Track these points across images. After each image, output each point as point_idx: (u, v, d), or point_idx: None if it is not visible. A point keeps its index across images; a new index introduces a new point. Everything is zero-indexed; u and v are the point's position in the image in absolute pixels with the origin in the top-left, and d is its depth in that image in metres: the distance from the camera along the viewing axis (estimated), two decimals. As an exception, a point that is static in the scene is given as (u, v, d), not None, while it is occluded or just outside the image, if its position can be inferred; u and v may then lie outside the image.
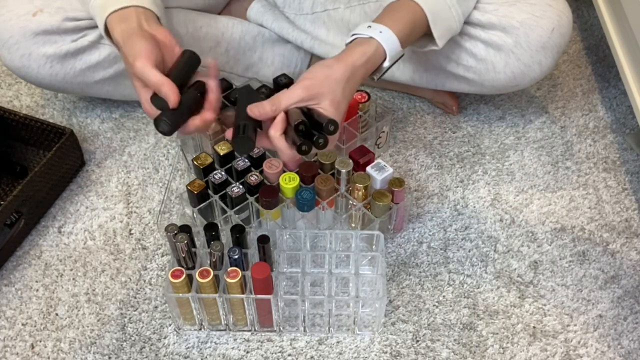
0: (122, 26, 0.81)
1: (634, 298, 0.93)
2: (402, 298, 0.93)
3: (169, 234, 0.83)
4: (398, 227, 0.99)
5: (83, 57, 1.01)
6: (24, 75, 1.02)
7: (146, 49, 0.78)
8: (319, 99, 0.81)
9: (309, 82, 0.81)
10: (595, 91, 1.22)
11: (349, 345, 0.88)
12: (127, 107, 1.17)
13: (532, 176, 1.08)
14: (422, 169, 1.09)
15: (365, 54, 0.85)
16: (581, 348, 0.88)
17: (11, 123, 1.05)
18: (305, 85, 0.81)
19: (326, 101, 0.81)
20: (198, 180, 0.93)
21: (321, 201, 0.92)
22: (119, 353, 0.87)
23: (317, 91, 0.81)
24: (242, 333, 0.89)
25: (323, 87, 0.81)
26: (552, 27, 0.97)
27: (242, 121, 0.80)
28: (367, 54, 0.85)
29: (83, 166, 1.08)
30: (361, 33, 0.86)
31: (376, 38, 0.85)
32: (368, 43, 0.85)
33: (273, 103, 0.80)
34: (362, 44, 0.85)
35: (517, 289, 0.94)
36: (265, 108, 0.80)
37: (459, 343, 0.88)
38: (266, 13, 1.13)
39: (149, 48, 0.78)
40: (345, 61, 0.84)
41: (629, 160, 1.10)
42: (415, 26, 0.89)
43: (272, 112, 0.80)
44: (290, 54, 1.15)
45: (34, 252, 0.97)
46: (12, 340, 0.88)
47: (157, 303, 0.92)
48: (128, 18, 0.82)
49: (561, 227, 1.01)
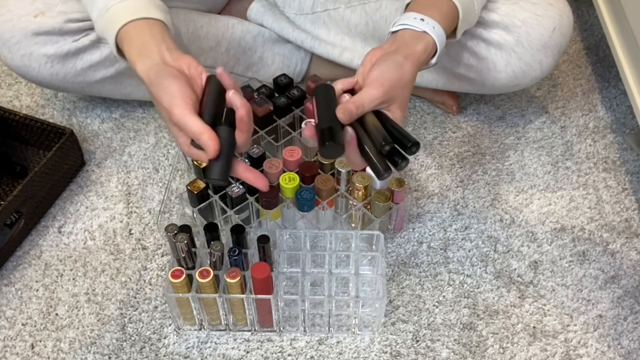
0: (145, 63, 0.76)
1: (634, 298, 0.93)
2: (402, 298, 0.93)
3: (169, 234, 0.83)
4: (398, 227, 0.99)
5: (84, 56, 1.01)
6: (24, 75, 1.02)
7: (181, 94, 0.72)
8: (390, 102, 0.76)
9: (387, 83, 0.75)
10: (595, 91, 1.22)
11: (349, 345, 0.88)
12: (127, 107, 1.17)
13: (532, 176, 1.08)
14: (422, 169, 1.09)
15: (426, 51, 0.80)
16: (581, 348, 0.88)
17: (11, 123, 1.05)
18: (384, 86, 0.75)
19: (396, 104, 0.77)
20: (198, 180, 0.93)
21: (321, 201, 0.92)
22: (119, 353, 0.87)
23: (392, 94, 0.76)
24: (242, 333, 0.89)
25: (397, 89, 0.76)
26: (554, 26, 0.97)
27: (325, 124, 0.73)
28: (427, 51, 0.80)
29: (83, 166, 1.08)
30: (414, 26, 0.81)
31: (430, 34, 0.80)
32: (425, 39, 0.80)
33: (357, 106, 0.74)
34: (420, 39, 0.80)
35: (517, 289, 0.94)
36: (352, 111, 0.74)
37: (459, 343, 0.88)
38: (266, 13, 1.13)
39: (184, 92, 0.72)
40: (413, 60, 0.79)
41: (629, 160, 1.10)
42: (452, 24, 0.86)
43: (357, 116, 0.74)
44: (290, 54, 1.15)
45: (34, 252, 0.97)
46: (12, 340, 0.88)
47: (157, 303, 0.92)
48: (147, 49, 0.77)
49: (561, 227, 1.01)
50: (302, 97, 1.04)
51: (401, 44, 0.80)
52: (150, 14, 0.80)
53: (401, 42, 0.80)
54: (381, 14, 1.06)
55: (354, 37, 1.11)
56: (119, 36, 0.80)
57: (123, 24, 0.79)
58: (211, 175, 0.72)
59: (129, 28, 0.79)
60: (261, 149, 0.96)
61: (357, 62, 1.11)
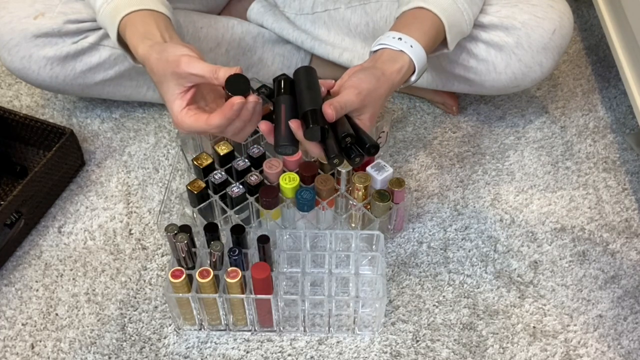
0: (146, 43, 0.78)
1: (634, 298, 0.93)
2: (402, 298, 0.93)
3: (169, 234, 0.83)
4: (398, 227, 0.99)
5: (83, 58, 1.01)
6: (24, 77, 1.02)
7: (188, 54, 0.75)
8: (362, 111, 0.78)
9: (364, 91, 0.78)
10: (595, 91, 1.22)
11: (349, 345, 0.88)
12: (127, 107, 1.17)
13: (532, 176, 1.08)
14: (422, 169, 1.09)
15: (401, 71, 0.82)
16: (581, 348, 0.88)
17: (11, 123, 1.05)
18: (361, 93, 0.77)
19: (367, 114, 0.79)
20: (198, 180, 0.93)
21: (321, 201, 0.92)
22: (119, 353, 0.87)
23: (364, 103, 0.78)
24: (242, 333, 0.89)
25: (370, 100, 0.78)
26: (554, 28, 0.97)
27: (309, 107, 0.75)
28: (402, 71, 0.82)
29: (83, 166, 1.08)
30: (391, 45, 0.83)
31: (408, 53, 0.82)
32: (401, 58, 0.82)
33: (341, 105, 0.76)
34: (397, 60, 0.82)
35: (517, 289, 0.94)
36: (338, 110, 0.75)
37: (459, 343, 0.88)
38: (266, 13, 1.13)
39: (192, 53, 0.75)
40: (388, 78, 0.81)
41: (629, 160, 1.10)
42: (437, 38, 0.87)
43: (340, 116, 0.76)
44: (290, 55, 1.15)
45: (34, 252, 0.97)
46: (12, 340, 0.88)
47: (157, 303, 0.92)
48: (150, 33, 0.80)
49: (561, 227, 1.01)
50: (302, 97, 1.03)
51: (379, 63, 0.82)
52: (157, 8, 0.82)
53: (379, 61, 0.83)
54: (381, 15, 1.06)
55: (354, 38, 1.11)
56: (122, 23, 0.81)
57: (128, 12, 0.81)
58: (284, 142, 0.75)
59: (134, 16, 0.81)
60: (261, 149, 0.96)
61: (357, 62, 1.11)
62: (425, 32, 0.85)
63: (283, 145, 0.76)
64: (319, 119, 0.74)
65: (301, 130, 0.75)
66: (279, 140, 0.76)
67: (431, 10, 0.86)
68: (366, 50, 1.10)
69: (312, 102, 0.76)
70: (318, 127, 0.73)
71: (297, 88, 0.79)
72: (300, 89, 0.78)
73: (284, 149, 0.76)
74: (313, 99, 0.76)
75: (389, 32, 0.85)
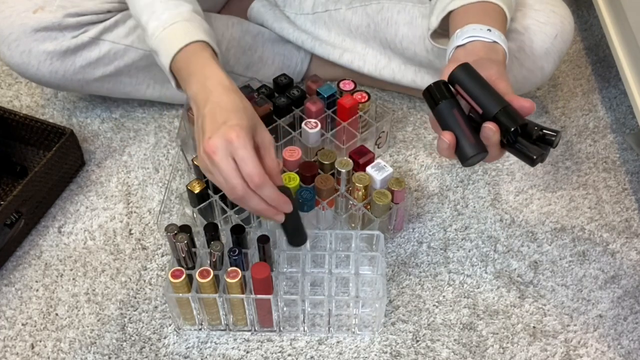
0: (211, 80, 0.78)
1: (634, 298, 0.93)
2: (402, 298, 0.93)
3: (169, 234, 0.83)
4: (398, 227, 0.99)
5: (83, 53, 1.01)
6: (23, 72, 1.02)
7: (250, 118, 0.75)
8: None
9: (506, 79, 0.73)
10: (595, 91, 1.22)
11: (349, 345, 0.88)
12: (127, 107, 1.17)
13: (532, 176, 1.08)
14: (422, 169, 1.09)
15: (504, 62, 0.79)
16: (581, 348, 0.88)
17: (11, 123, 1.05)
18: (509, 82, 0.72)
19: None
20: (198, 180, 0.93)
21: (321, 201, 0.92)
22: (119, 353, 0.87)
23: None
24: (242, 333, 0.89)
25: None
26: (556, 33, 0.97)
27: (498, 107, 0.67)
28: (504, 61, 0.79)
29: (83, 166, 1.08)
30: (484, 37, 0.78)
31: (501, 44, 0.79)
32: (498, 49, 0.79)
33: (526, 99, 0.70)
34: (496, 50, 0.78)
35: (517, 289, 0.94)
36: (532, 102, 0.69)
37: (459, 343, 0.88)
38: (267, 13, 1.13)
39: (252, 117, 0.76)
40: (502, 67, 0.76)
41: (629, 160, 1.10)
42: (506, 29, 0.85)
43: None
44: (290, 54, 1.15)
45: (34, 252, 0.97)
46: (12, 340, 0.88)
47: (157, 303, 0.92)
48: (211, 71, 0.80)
49: (561, 227, 1.01)
50: (302, 97, 1.04)
51: (483, 54, 0.77)
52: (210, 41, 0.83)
53: (482, 53, 0.77)
54: (383, 16, 1.06)
55: (354, 39, 1.11)
56: (183, 49, 0.81)
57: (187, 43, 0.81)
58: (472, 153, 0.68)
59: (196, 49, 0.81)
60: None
61: (358, 63, 1.11)
62: (502, 24, 0.82)
63: (475, 156, 0.68)
64: (516, 116, 0.67)
65: (499, 133, 0.67)
66: (468, 151, 0.68)
67: (498, 4, 0.84)
68: (367, 51, 1.10)
69: (498, 100, 0.68)
70: (523, 124, 0.66)
71: (467, 89, 0.70)
72: (472, 89, 0.69)
73: (475, 159, 0.68)
74: (496, 96, 0.68)
75: (472, 24, 0.80)
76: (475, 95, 0.69)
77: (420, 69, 1.08)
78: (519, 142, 0.69)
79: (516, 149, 0.69)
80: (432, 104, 0.72)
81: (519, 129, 0.68)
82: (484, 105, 0.68)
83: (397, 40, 1.06)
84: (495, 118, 0.67)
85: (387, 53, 1.09)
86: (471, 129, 0.69)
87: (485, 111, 0.68)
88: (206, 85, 0.77)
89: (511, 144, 0.69)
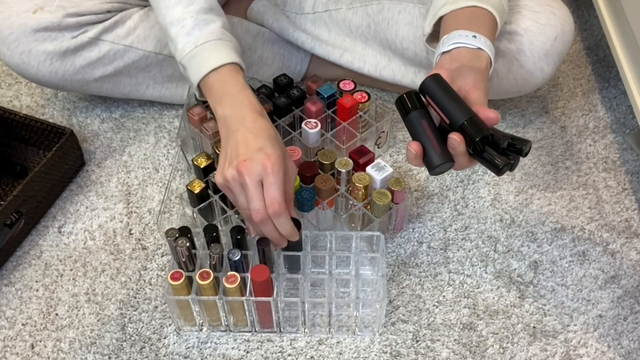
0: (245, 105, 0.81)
1: (634, 298, 0.93)
2: (402, 298, 0.93)
3: (170, 238, 0.83)
4: (398, 227, 0.99)
5: (83, 53, 1.01)
6: (23, 73, 1.02)
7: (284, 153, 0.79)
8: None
9: (484, 89, 0.74)
10: (595, 91, 1.22)
11: (349, 346, 0.88)
12: (127, 107, 1.17)
13: (532, 176, 1.08)
14: (422, 169, 1.09)
15: (488, 68, 0.80)
16: (581, 348, 0.88)
17: (11, 123, 1.05)
18: (485, 93, 0.74)
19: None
20: (198, 180, 0.93)
21: (321, 201, 0.92)
22: (119, 353, 0.87)
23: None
24: (242, 333, 0.89)
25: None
26: (556, 35, 0.97)
27: (465, 117, 0.68)
28: (488, 68, 0.80)
29: (83, 166, 1.08)
30: (468, 43, 0.79)
31: (486, 51, 0.79)
32: (482, 55, 0.79)
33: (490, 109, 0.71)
34: (480, 57, 0.79)
35: (517, 289, 0.94)
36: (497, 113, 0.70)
37: (459, 343, 0.88)
38: (267, 12, 1.13)
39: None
40: (484, 74, 0.77)
41: (629, 160, 1.10)
42: (495, 34, 0.86)
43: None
44: (290, 54, 1.15)
45: (34, 252, 0.97)
46: (12, 340, 0.88)
47: (157, 303, 0.92)
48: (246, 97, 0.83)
49: (561, 227, 1.01)
50: (302, 97, 1.04)
51: (465, 62, 0.78)
52: (240, 62, 0.85)
53: (464, 60, 0.78)
54: (383, 17, 1.06)
55: (354, 39, 1.11)
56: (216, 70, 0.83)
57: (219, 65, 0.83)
58: (438, 162, 0.70)
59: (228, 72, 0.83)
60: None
61: (358, 64, 1.11)
62: (490, 30, 0.83)
63: (441, 165, 0.70)
64: (481, 127, 0.68)
65: (464, 143, 0.69)
66: (434, 160, 0.70)
67: (488, 10, 0.84)
68: (367, 52, 1.10)
69: (464, 111, 0.69)
70: (488, 134, 0.67)
71: (436, 100, 0.71)
72: (440, 100, 0.71)
73: (441, 168, 0.70)
74: (463, 107, 0.69)
75: (459, 30, 0.81)
76: (443, 106, 0.70)
77: (421, 70, 1.08)
78: (487, 152, 0.70)
79: (484, 158, 0.71)
80: (403, 114, 0.74)
81: (488, 138, 0.69)
82: (451, 116, 0.69)
83: (398, 41, 1.06)
84: (461, 128, 0.69)
85: (387, 53, 1.09)
86: (439, 138, 0.71)
87: (452, 122, 0.69)
88: (240, 110, 0.81)
89: (479, 153, 0.70)
